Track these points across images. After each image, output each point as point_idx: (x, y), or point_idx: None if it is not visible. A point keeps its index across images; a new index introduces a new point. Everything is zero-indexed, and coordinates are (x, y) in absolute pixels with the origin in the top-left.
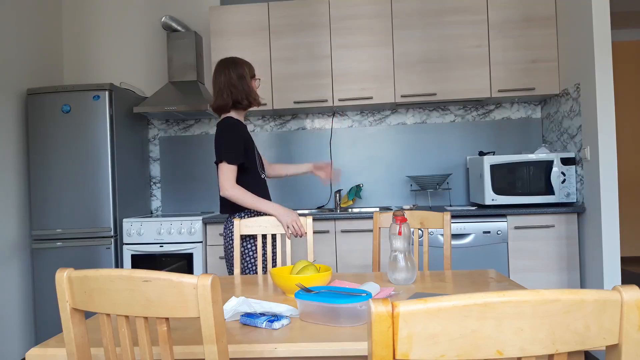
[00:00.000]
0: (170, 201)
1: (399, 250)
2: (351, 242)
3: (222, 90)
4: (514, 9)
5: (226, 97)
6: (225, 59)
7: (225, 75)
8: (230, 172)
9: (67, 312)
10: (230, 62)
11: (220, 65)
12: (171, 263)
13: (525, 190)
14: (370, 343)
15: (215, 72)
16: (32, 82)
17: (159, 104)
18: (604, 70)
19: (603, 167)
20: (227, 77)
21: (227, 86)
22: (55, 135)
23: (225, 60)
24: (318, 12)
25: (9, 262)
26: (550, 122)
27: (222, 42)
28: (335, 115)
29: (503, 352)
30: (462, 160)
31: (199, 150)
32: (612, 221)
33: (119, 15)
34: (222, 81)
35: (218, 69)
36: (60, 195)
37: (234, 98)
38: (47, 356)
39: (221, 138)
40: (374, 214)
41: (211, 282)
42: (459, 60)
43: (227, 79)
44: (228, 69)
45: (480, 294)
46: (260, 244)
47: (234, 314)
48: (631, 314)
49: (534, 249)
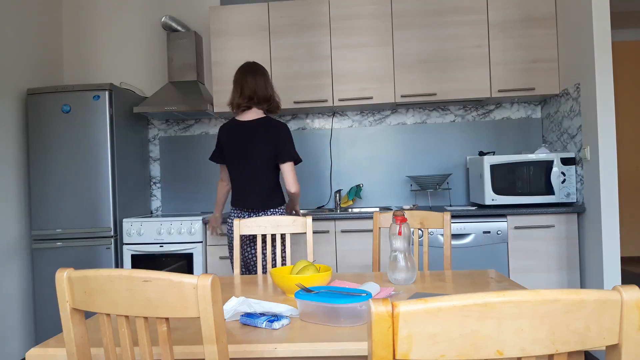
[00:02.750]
0: (170, 201)
1: (399, 250)
2: (351, 242)
3: (274, 92)
4: (514, 9)
5: (277, 99)
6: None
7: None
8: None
9: (67, 312)
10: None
11: (264, 70)
12: (171, 263)
13: (525, 190)
14: (370, 343)
15: (264, 74)
16: (32, 82)
17: (159, 104)
18: (604, 70)
19: (603, 167)
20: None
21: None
22: (55, 135)
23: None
24: (318, 12)
25: (9, 262)
26: (550, 122)
27: (222, 42)
28: (335, 115)
29: (503, 352)
30: (462, 160)
31: (199, 150)
32: (612, 221)
33: (119, 16)
34: (271, 84)
35: (264, 71)
36: (60, 195)
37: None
38: (47, 356)
39: (291, 139)
40: (374, 214)
41: (211, 282)
42: (459, 60)
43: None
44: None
45: (480, 294)
46: (260, 244)
47: (234, 314)
48: (631, 314)
49: (534, 249)
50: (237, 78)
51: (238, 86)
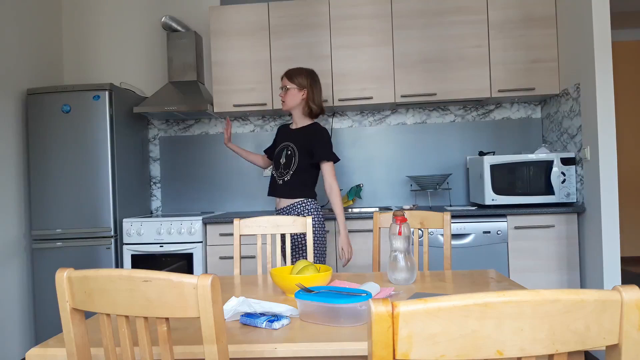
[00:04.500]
0: (170, 201)
1: (399, 250)
2: (351, 242)
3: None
4: (514, 9)
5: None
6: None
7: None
8: None
9: (67, 312)
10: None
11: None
12: (171, 263)
13: (525, 190)
14: (370, 343)
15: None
16: (32, 82)
17: (159, 104)
18: (604, 70)
19: (603, 167)
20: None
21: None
22: (55, 135)
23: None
24: (318, 12)
25: (9, 262)
26: (550, 122)
27: (222, 42)
28: (335, 115)
29: (503, 352)
30: (462, 160)
31: (199, 150)
32: (612, 221)
33: (119, 16)
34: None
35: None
36: (60, 195)
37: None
38: (47, 356)
39: (330, 140)
40: (374, 214)
41: (211, 282)
42: (459, 60)
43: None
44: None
45: (480, 294)
46: (260, 244)
47: (234, 314)
48: (631, 314)
49: (534, 249)
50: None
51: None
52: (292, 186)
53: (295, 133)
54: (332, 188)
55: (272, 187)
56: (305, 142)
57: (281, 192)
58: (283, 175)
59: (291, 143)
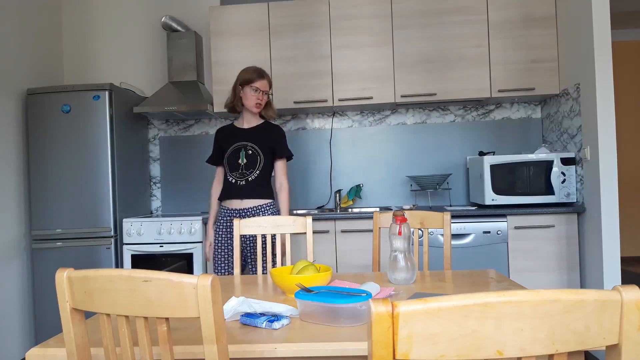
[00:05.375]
0: (170, 201)
1: (399, 250)
2: (351, 242)
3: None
4: (514, 9)
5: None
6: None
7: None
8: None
9: (67, 312)
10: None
11: None
12: (171, 263)
13: (525, 190)
14: (370, 343)
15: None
16: (32, 82)
17: (159, 104)
18: (604, 70)
19: (603, 167)
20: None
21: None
22: (55, 135)
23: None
24: (318, 12)
25: (9, 262)
26: (550, 122)
27: (222, 42)
28: (335, 115)
29: (503, 352)
30: (462, 160)
31: (199, 150)
32: (612, 221)
33: (119, 16)
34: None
35: None
36: (60, 195)
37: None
38: (47, 356)
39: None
40: (373, 214)
41: (211, 282)
42: (459, 60)
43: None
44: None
45: (480, 294)
46: (260, 244)
47: (234, 314)
48: (631, 314)
49: (534, 249)
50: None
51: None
52: (260, 184)
53: (251, 132)
54: (283, 185)
55: (231, 190)
56: (268, 140)
57: (246, 193)
58: (246, 176)
59: (249, 143)
